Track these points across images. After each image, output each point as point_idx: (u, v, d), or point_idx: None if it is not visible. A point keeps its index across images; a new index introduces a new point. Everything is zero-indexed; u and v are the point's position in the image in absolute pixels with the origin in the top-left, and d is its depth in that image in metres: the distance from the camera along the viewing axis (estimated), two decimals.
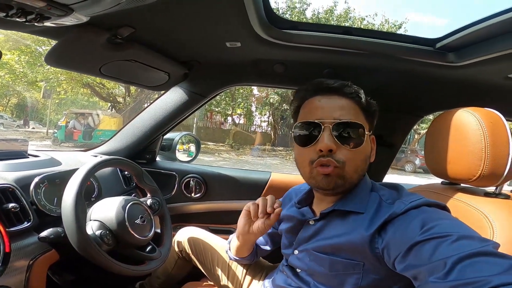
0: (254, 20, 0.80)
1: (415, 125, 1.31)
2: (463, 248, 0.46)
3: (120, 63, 1.01)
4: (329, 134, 0.65)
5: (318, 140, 0.66)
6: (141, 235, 0.92)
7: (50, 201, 0.91)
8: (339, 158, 0.65)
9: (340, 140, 0.65)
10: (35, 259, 0.81)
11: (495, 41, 0.76)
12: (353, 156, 0.66)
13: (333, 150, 0.65)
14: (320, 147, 0.65)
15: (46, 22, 0.65)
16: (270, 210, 0.74)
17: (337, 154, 0.65)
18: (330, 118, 0.66)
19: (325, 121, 0.66)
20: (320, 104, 0.70)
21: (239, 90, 13.40)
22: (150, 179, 1.12)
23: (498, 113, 0.71)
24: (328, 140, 0.65)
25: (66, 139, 11.95)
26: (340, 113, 0.67)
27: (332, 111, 0.67)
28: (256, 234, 0.81)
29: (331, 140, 0.65)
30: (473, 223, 0.64)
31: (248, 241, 0.89)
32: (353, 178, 0.68)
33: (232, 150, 14.42)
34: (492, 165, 0.68)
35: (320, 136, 0.66)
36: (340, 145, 0.65)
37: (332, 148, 0.65)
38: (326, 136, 0.65)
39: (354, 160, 0.67)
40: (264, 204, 0.76)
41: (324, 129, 0.66)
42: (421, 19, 31.50)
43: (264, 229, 0.77)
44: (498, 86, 0.99)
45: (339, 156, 0.65)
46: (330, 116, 0.67)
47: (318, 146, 0.66)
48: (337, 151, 0.65)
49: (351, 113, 0.68)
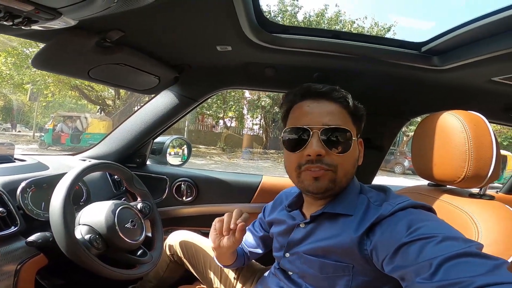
0: (245, 24, 0.81)
1: (403, 127, 1.33)
2: (448, 249, 0.48)
3: (110, 67, 1.00)
4: (318, 140, 0.66)
5: (306, 145, 0.67)
6: (132, 239, 0.91)
7: (38, 205, 0.90)
8: (329, 162, 0.66)
9: (328, 145, 0.66)
10: (23, 264, 0.80)
11: (479, 45, 0.78)
12: (342, 161, 0.67)
13: (321, 155, 0.66)
14: (308, 152, 0.66)
15: (34, 26, 0.64)
16: (233, 227, 0.74)
17: (326, 159, 0.66)
18: (319, 124, 0.67)
19: (313, 127, 0.67)
20: (309, 109, 0.70)
21: (231, 93, 13.39)
22: (140, 183, 1.11)
23: (481, 116, 0.73)
24: (316, 145, 0.65)
25: (53, 143, 11.70)
26: (328, 118, 0.68)
27: (321, 116, 0.68)
28: (228, 249, 0.80)
29: (320, 146, 0.65)
30: (459, 224, 0.66)
31: (223, 253, 0.89)
32: (343, 182, 0.69)
33: (224, 153, 14.37)
34: (476, 167, 0.69)
35: (309, 141, 0.66)
36: (329, 150, 0.66)
37: (321, 153, 0.65)
38: (315, 142, 0.66)
39: (343, 164, 0.68)
40: (228, 220, 0.76)
41: (312, 134, 0.66)
42: (409, 22, 32.29)
43: (233, 244, 0.78)
44: (482, 89, 1.02)
45: (328, 160, 0.66)
46: (318, 121, 0.67)
47: (306, 151, 0.66)
48: (326, 156, 0.66)
49: (339, 118, 0.69)
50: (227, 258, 0.93)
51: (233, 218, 0.75)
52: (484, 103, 1.11)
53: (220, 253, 0.89)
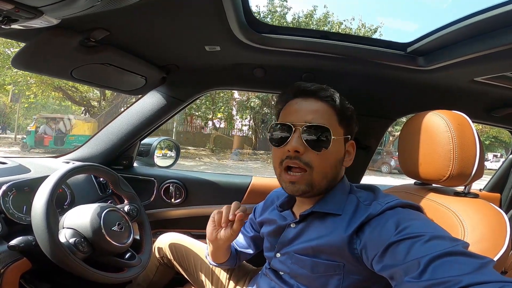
0: (234, 24, 0.80)
1: (390, 127, 1.35)
2: (435, 248, 0.49)
3: (94, 67, 0.97)
4: (298, 136, 0.67)
5: (288, 141, 0.68)
6: (119, 242, 0.89)
7: (19, 209, 0.88)
8: (306, 160, 0.67)
9: (309, 144, 0.67)
10: (6, 268, 0.78)
11: (461, 45, 0.79)
12: (320, 161, 0.68)
13: (300, 152, 0.66)
14: (288, 148, 0.67)
15: (14, 25, 0.61)
16: (232, 218, 0.76)
17: (304, 156, 0.67)
18: (302, 121, 0.68)
19: (296, 124, 0.68)
20: (297, 106, 0.72)
21: (220, 93, 13.32)
22: (127, 185, 1.09)
23: (465, 116, 0.75)
24: (296, 142, 0.67)
25: (36, 145, 11.36)
26: (312, 116, 0.69)
27: (305, 114, 0.69)
28: (225, 241, 0.81)
29: (299, 142, 0.67)
30: (445, 222, 0.67)
31: (220, 247, 0.89)
32: (321, 184, 0.69)
33: (213, 154, 14.28)
34: (460, 166, 0.71)
35: (290, 137, 0.68)
36: (308, 148, 0.67)
37: (299, 150, 0.66)
38: (295, 138, 0.67)
39: (321, 165, 0.68)
40: (227, 212, 0.78)
41: (294, 131, 0.68)
42: (395, 23, 33.02)
43: (230, 236, 0.79)
44: (465, 89, 1.05)
45: (306, 159, 0.67)
46: (302, 119, 0.69)
47: (287, 147, 0.68)
48: (305, 154, 0.67)
49: (323, 117, 0.69)
50: (222, 254, 0.92)
51: (232, 210, 0.77)
52: (467, 103, 1.14)
53: (216, 247, 0.88)
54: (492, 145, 18.07)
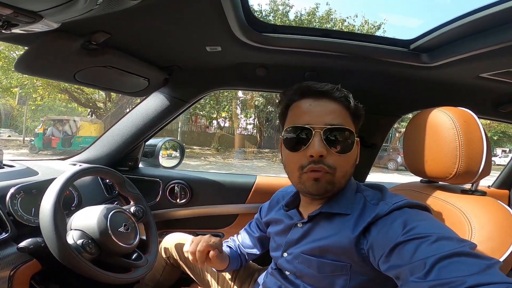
0: (234, 24, 0.80)
1: (395, 124, 1.34)
2: (442, 249, 0.48)
3: (96, 69, 0.98)
4: (320, 140, 0.64)
5: (308, 145, 0.65)
6: (126, 243, 0.90)
7: (28, 211, 0.89)
8: (329, 163, 0.65)
9: (330, 145, 0.65)
10: (16, 269, 0.80)
11: (466, 41, 0.78)
12: (343, 162, 0.66)
13: (323, 156, 0.64)
14: (311, 153, 0.64)
15: (14, 29, 0.62)
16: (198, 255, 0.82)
17: (327, 159, 0.65)
18: (321, 123, 0.65)
19: (315, 126, 0.65)
20: (310, 107, 0.69)
21: (224, 93, 13.33)
22: (132, 187, 1.10)
23: (471, 112, 0.74)
24: (319, 145, 0.64)
25: (44, 147, 11.54)
26: (330, 117, 0.66)
27: (322, 116, 0.67)
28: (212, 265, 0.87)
29: (322, 146, 0.64)
30: (452, 220, 0.67)
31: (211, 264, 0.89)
32: (342, 183, 0.68)
33: (218, 153, 14.33)
34: (467, 163, 0.70)
35: (311, 141, 0.65)
36: (330, 151, 0.65)
37: (323, 154, 0.64)
38: (317, 142, 0.64)
39: (344, 165, 0.67)
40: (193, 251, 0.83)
41: (314, 134, 0.65)
42: (399, 20, 32.61)
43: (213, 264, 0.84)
44: (471, 85, 1.03)
45: (329, 161, 0.65)
46: (320, 120, 0.66)
47: (309, 151, 0.64)
48: (328, 157, 0.65)
49: (340, 118, 0.68)
50: (217, 265, 0.92)
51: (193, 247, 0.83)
52: (473, 99, 1.12)
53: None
54: (500, 140, 17.78)
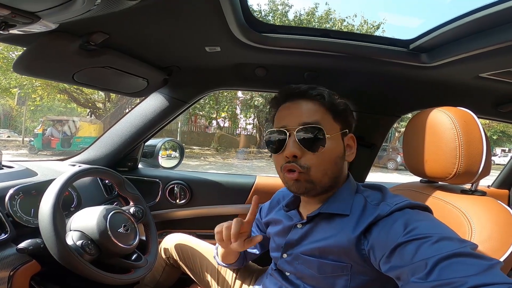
0: (233, 24, 0.80)
1: (395, 124, 1.34)
2: (443, 249, 0.48)
3: (95, 70, 0.97)
4: (294, 141, 0.66)
5: (285, 147, 0.67)
6: (125, 243, 0.90)
7: (27, 212, 0.89)
8: (303, 164, 0.66)
9: (305, 145, 0.66)
10: (16, 270, 0.80)
11: (465, 41, 0.78)
12: (317, 161, 0.67)
13: (297, 156, 0.66)
14: (285, 154, 0.67)
15: (12, 30, 0.61)
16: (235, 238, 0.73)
17: (302, 160, 0.66)
18: (295, 124, 0.67)
19: (289, 128, 0.68)
20: (288, 110, 0.71)
21: (223, 93, 13.33)
22: (132, 187, 1.10)
23: (470, 112, 0.74)
24: (292, 146, 0.66)
25: (43, 147, 11.51)
26: (305, 117, 0.68)
27: (297, 117, 0.68)
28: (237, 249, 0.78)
29: (295, 147, 0.66)
30: (452, 221, 0.66)
31: (230, 252, 0.90)
32: (323, 181, 0.68)
33: (218, 153, 14.32)
34: (467, 163, 0.70)
35: (286, 143, 0.67)
36: (305, 150, 0.66)
37: (296, 154, 0.66)
38: (291, 143, 0.66)
39: (320, 163, 0.67)
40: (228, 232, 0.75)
41: (289, 135, 0.67)
42: (398, 19, 32.62)
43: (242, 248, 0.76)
44: (470, 85, 1.03)
45: (303, 162, 0.66)
46: (296, 121, 0.68)
47: (284, 153, 0.67)
48: (302, 157, 0.66)
49: (316, 115, 0.68)
50: (233, 257, 0.94)
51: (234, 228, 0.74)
52: (473, 99, 1.12)
53: (227, 252, 0.91)
54: (500, 139, 17.81)
